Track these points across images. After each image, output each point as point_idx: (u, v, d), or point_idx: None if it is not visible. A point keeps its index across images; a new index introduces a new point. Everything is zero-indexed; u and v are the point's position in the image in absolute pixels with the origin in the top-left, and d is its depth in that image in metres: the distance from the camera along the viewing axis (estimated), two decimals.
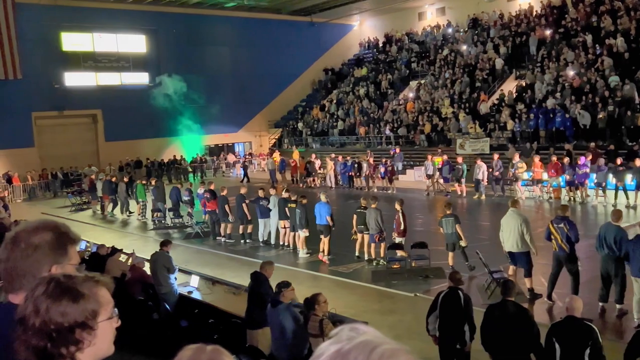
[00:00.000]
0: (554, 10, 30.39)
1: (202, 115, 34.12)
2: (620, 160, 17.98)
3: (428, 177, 22.40)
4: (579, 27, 27.75)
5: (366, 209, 12.55)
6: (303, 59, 40.35)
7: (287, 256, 13.92)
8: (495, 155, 20.78)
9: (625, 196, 17.23)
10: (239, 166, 32.21)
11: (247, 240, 15.47)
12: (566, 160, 18.91)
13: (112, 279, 1.73)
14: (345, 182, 25.24)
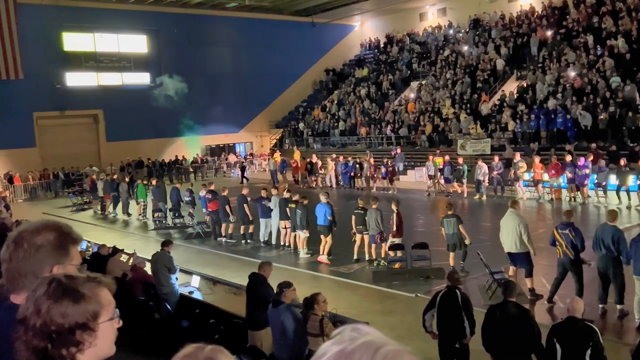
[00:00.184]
0: (555, 11, 30.36)
1: (203, 116, 34.05)
2: (624, 161, 17.96)
3: (430, 178, 22.42)
4: (580, 28, 27.72)
5: (364, 210, 12.58)
6: (304, 59, 40.32)
7: (288, 256, 13.93)
8: (495, 157, 20.79)
9: (627, 197, 17.20)
10: (239, 166, 32.23)
11: (248, 240, 15.48)
12: (568, 158, 18.81)
13: (114, 279, 1.73)
14: (346, 183, 25.25)
